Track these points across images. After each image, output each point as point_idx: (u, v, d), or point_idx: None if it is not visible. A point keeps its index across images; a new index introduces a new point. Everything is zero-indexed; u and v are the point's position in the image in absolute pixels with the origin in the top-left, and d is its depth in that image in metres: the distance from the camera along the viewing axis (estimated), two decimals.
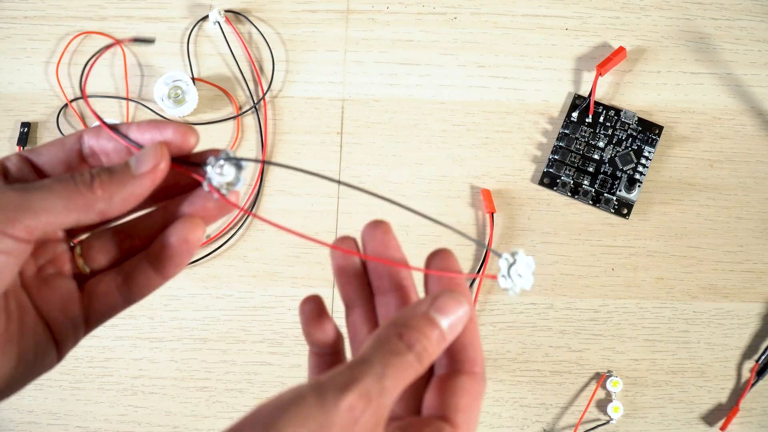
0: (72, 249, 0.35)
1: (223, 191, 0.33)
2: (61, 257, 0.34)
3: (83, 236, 0.36)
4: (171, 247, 0.33)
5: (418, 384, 0.33)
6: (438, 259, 0.34)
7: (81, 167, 0.34)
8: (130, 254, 0.35)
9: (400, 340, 0.30)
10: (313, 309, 0.34)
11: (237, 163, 0.33)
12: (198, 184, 0.34)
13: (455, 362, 0.33)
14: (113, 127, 0.34)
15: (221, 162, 0.33)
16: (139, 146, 0.33)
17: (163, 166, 0.32)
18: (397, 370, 0.29)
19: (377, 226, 0.34)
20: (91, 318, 0.34)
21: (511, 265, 0.33)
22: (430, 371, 0.34)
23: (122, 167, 0.32)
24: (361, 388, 0.28)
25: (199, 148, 0.34)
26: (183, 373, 0.65)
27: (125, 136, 0.33)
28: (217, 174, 0.33)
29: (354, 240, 0.35)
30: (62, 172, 0.34)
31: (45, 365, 0.33)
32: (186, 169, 0.33)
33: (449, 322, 0.31)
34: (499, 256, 0.33)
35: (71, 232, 0.35)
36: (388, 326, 0.31)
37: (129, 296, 0.34)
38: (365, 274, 0.35)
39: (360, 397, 0.28)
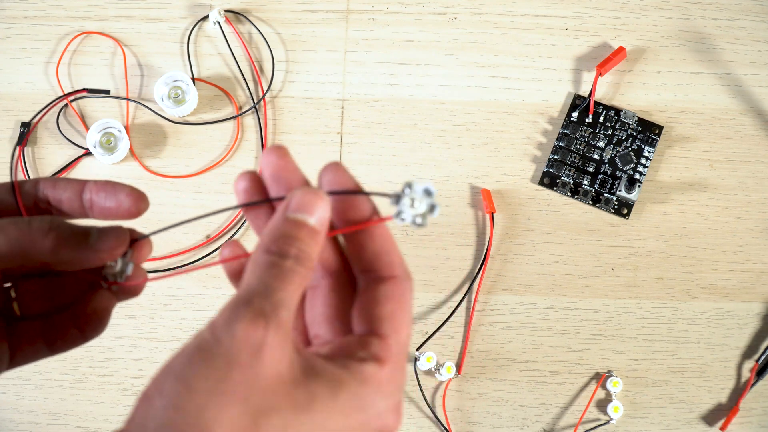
0: (6, 290, 0.35)
1: (118, 279, 0.35)
2: None
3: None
4: (86, 315, 0.35)
5: (346, 305, 0.32)
6: (328, 172, 0.32)
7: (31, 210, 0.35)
8: (60, 305, 0.36)
9: (271, 254, 0.29)
10: (231, 252, 0.33)
11: (122, 258, 0.34)
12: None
13: (372, 271, 0.31)
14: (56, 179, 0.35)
15: (113, 263, 0.35)
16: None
17: (119, 251, 0.34)
18: (281, 281, 0.28)
19: (272, 151, 0.32)
20: (15, 357, 0.35)
21: (401, 199, 0.31)
22: (356, 289, 0.32)
23: (82, 232, 0.33)
24: (250, 311, 0.27)
25: (197, 149, 0.34)
26: None
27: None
28: (111, 267, 0.35)
29: (254, 173, 0.33)
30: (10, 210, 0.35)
31: None
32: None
33: (313, 216, 0.30)
34: (390, 196, 0.31)
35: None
36: (256, 249, 0.30)
37: (54, 347, 0.35)
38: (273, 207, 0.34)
39: (253, 319, 0.27)
